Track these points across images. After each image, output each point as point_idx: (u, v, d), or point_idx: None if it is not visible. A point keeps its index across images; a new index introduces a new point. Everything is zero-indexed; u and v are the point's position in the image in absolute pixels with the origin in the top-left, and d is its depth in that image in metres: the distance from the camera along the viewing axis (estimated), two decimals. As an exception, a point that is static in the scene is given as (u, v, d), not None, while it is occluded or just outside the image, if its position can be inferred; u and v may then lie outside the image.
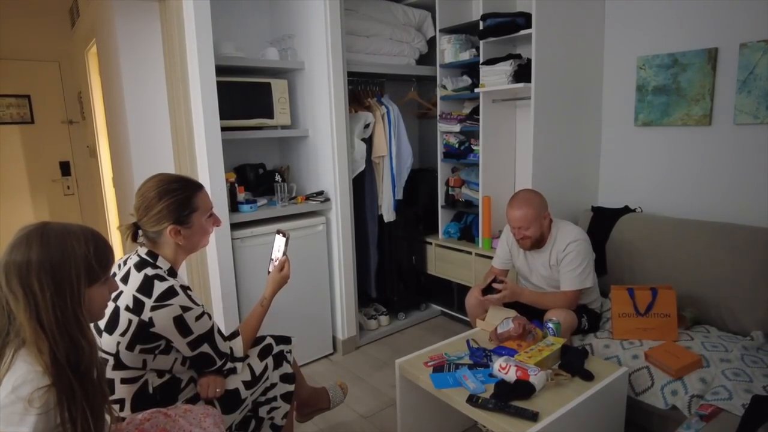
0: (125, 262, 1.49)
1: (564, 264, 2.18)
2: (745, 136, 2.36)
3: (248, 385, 1.61)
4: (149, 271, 1.42)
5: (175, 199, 1.46)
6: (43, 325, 0.96)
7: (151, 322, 1.36)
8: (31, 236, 0.99)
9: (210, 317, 1.50)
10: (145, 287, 1.39)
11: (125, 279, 1.43)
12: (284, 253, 1.78)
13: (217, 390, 1.53)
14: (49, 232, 1.00)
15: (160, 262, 1.47)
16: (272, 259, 1.81)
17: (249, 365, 1.64)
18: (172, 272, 1.49)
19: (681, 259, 2.32)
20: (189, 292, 1.46)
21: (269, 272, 1.79)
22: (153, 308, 1.37)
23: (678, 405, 1.78)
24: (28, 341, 0.96)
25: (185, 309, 1.40)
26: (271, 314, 1.76)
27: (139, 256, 1.47)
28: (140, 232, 1.50)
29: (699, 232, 2.32)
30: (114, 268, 1.51)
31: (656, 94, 2.63)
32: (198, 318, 1.44)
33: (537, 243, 2.24)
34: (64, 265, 0.99)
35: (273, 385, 1.71)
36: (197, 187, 1.54)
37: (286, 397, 1.74)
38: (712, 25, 2.40)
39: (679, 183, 2.63)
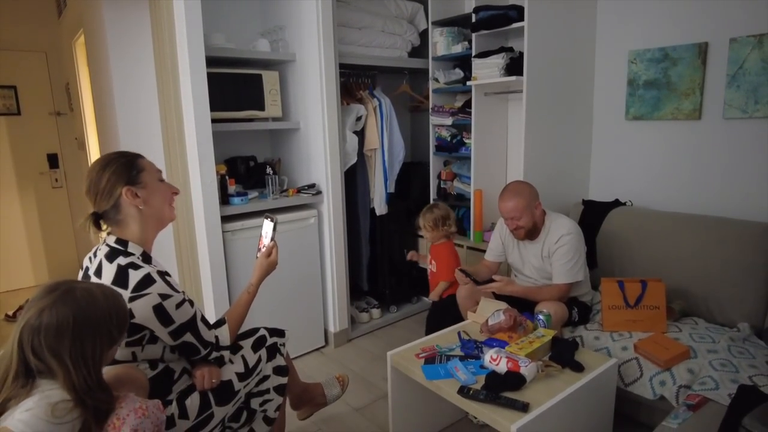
0: (95, 254, 1.44)
1: (556, 257, 2.20)
2: (734, 131, 2.38)
3: (242, 377, 1.60)
4: (121, 260, 1.36)
5: (119, 164, 1.42)
6: (75, 387, 1.04)
7: (131, 314, 1.31)
8: (57, 303, 1.05)
9: (192, 304, 1.44)
10: (120, 278, 1.34)
11: (98, 272, 1.38)
12: (272, 239, 1.73)
13: (213, 381, 1.51)
14: (75, 300, 1.07)
15: (131, 247, 1.41)
16: (260, 245, 1.77)
17: (242, 357, 1.63)
18: (147, 257, 1.43)
19: (670, 252, 2.35)
20: (167, 277, 1.41)
21: (257, 258, 1.75)
22: (131, 299, 1.32)
23: (666, 395, 1.81)
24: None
25: (164, 297, 1.35)
26: (263, 307, 1.75)
27: (108, 245, 1.41)
28: (101, 221, 1.44)
29: (688, 226, 2.34)
30: (85, 262, 1.47)
31: (647, 88, 2.65)
32: (179, 305, 1.38)
33: (531, 233, 2.26)
34: (89, 335, 1.08)
35: (266, 377, 1.70)
36: (138, 155, 1.50)
37: (279, 389, 1.73)
38: (702, 20, 2.41)
39: (669, 177, 2.65)
